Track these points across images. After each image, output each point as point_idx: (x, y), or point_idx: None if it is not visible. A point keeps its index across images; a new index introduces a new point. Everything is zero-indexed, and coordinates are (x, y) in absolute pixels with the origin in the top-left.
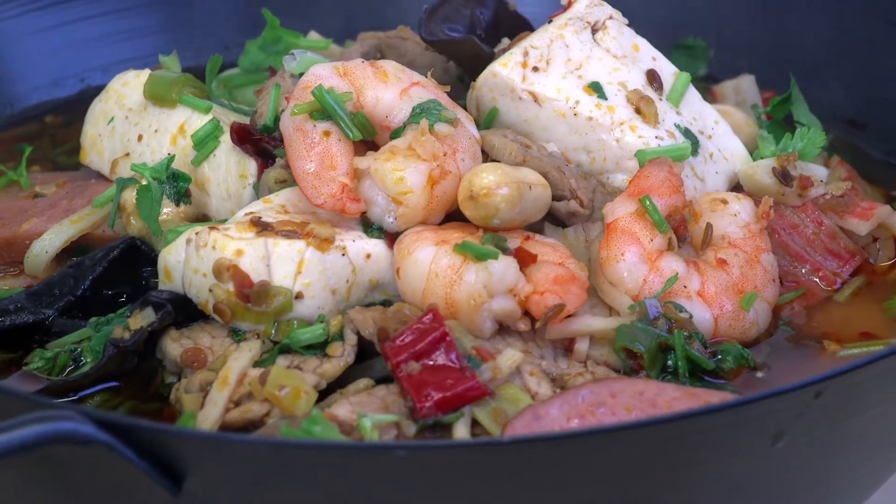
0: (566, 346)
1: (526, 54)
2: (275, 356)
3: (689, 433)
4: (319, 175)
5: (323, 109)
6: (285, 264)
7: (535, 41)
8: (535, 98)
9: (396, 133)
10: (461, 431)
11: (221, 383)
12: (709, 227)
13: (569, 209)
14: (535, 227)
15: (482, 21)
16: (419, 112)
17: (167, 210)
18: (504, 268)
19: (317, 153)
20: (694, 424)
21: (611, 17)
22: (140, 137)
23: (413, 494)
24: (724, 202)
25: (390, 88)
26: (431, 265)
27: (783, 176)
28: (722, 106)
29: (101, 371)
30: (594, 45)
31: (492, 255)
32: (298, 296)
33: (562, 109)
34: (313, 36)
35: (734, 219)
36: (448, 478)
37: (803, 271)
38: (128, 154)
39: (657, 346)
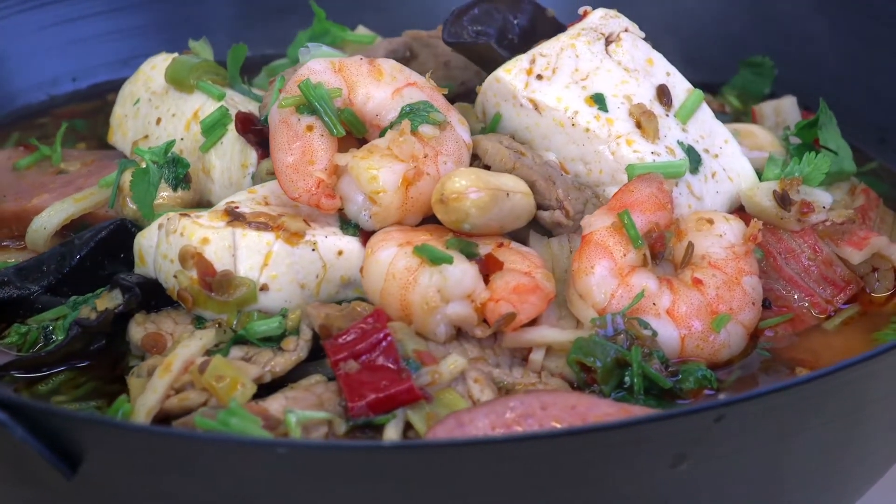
0: (524, 356)
1: (533, 61)
2: (229, 346)
3: (579, 450)
4: (297, 168)
5: (309, 104)
6: (252, 255)
7: (545, 49)
8: (536, 106)
9: (385, 132)
10: (391, 433)
11: (164, 370)
12: (690, 245)
13: (553, 219)
14: (521, 236)
15: (515, 26)
16: (407, 112)
17: (165, 194)
18: (460, 273)
19: (297, 146)
20: (583, 441)
21: (626, 30)
22: (159, 121)
23: (295, 492)
24: (711, 222)
25: (383, 87)
26: (389, 266)
27: (782, 200)
28: (746, 125)
29: (65, 349)
30: (605, 56)
31: (446, 260)
32: (264, 288)
33: (561, 119)
34: (361, 30)
35: (719, 239)
36: (329, 479)
37: (796, 297)
38: (146, 136)
39: (614, 362)
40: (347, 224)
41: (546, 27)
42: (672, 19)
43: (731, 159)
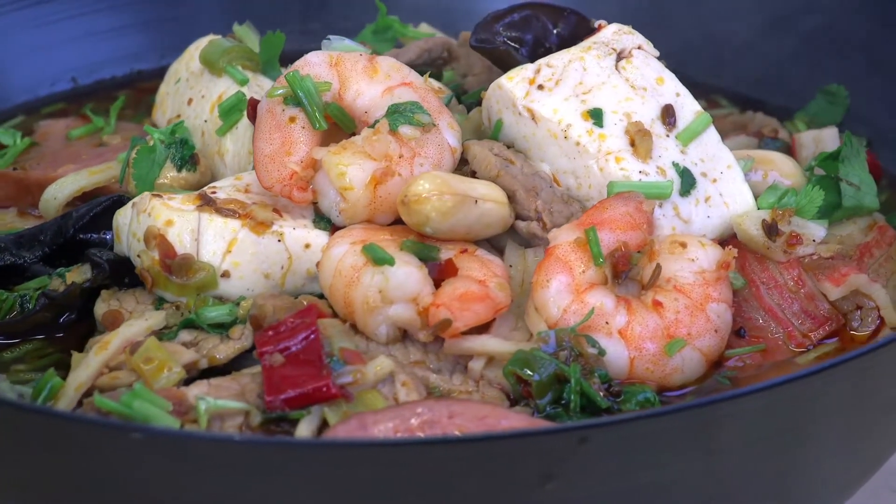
0: (468, 364)
1: (538, 71)
2: (178, 329)
3: (444, 460)
4: (274, 158)
5: (294, 95)
6: (216, 241)
7: (554, 60)
8: (533, 115)
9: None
10: (303, 429)
11: (100, 347)
12: (658, 267)
13: (529, 230)
14: (500, 244)
15: (554, 35)
16: (393, 111)
17: (171, 174)
18: (404, 276)
19: (277, 137)
20: (444, 451)
21: (639, 47)
22: (190, 101)
23: (156, 478)
24: (684, 245)
25: (374, 84)
26: (338, 262)
27: (769, 229)
28: (765, 152)
29: (32, 319)
30: (614, 72)
31: (388, 262)
32: (225, 274)
33: (554, 131)
34: (424, 28)
35: (690, 263)
36: (185, 467)
37: (772, 328)
38: (179, 115)
39: (553, 377)
40: (321, 218)
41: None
42: (757, 39)
43: (730, 185)
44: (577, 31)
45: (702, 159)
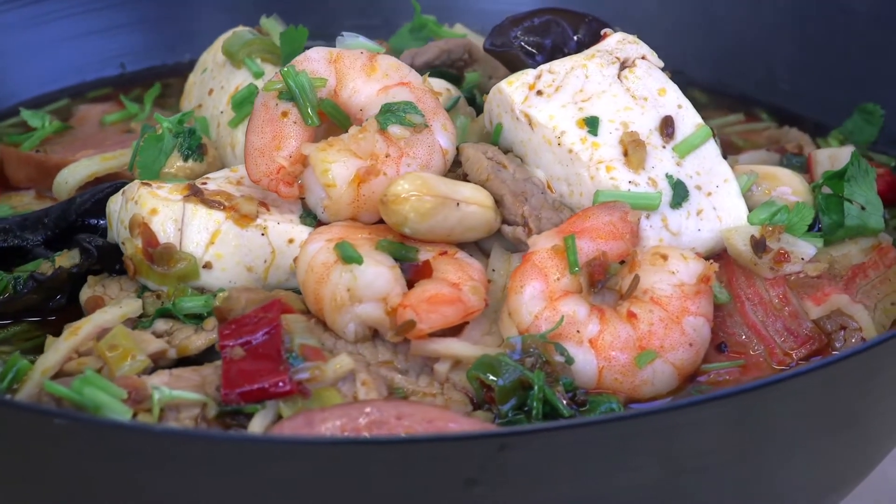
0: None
1: (539, 77)
2: (154, 318)
3: (366, 461)
4: (263, 152)
5: (288, 90)
6: (199, 232)
7: (556, 66)
8: (530, 121)
9: None
10: (256, 424)
11: (71, 332)
12: (636, 278)
13: (514, 235)
14: (488, 248)
15: (574, 41)
16: (386, 110)
17: (179, 164)
18: (372, 276)
19: (269, 130)
20: (365, 451)
21: (643, 57)
22: (211, 91)
23: (79, 466)
24: (665, 258)
25: (371, 83)
26: (311, 259)
27: (756, 246)
28: (770, 168)
29: (20, 301)
30: (615, 81)
31: (356, 260)
32: (207, 265)
33: (549, 137)
34: (459, 28)
35: (669, 276)
36: (106, 454)
37: (755, 344)
38: (200, 105)
39: (517, 383)
40: (308, 214)
41: None
42: (800, 55)
43: (725, 199)
44: (597, 38)
45: (697, 172)
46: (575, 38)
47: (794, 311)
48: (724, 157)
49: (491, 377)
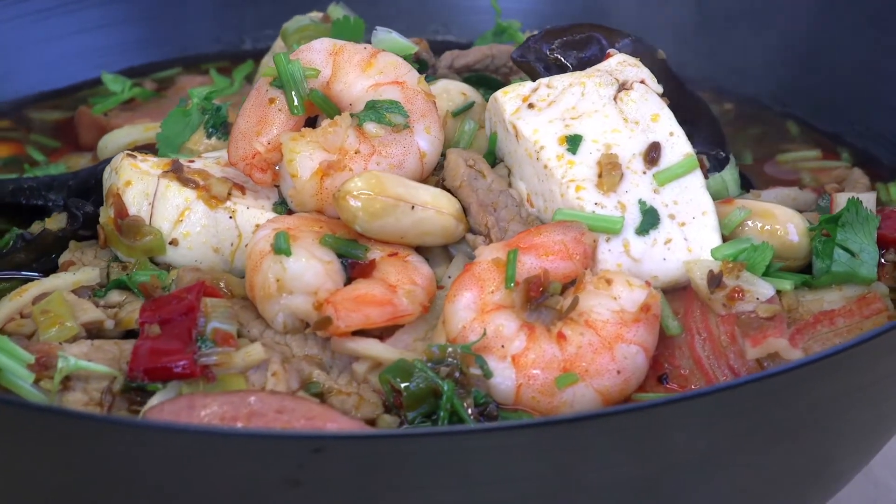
0: None
1: (535, 90)
2: (109, 288)
3: (190, 453)
4: (245, 136)
5: (279, 77)
6: (168, 208)
7: (556, 81)
8: (516, 133)
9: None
10: (153, 402)
11: (16, 294)
12: (575, 300)
13: (474, 244)
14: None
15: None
16: (370, 107)
17: (206, 141)
18: (301, 269)
19: (254, 115)
20: (194, 440)
21: (641, 81)
22: None
23: None
24: (609, 282)
25: (364, 78)
26: (254, 245)
27: (711, 280)
28: (766, 205)
29: (9, 258)
30: (610, 102)
31: (284, 252)
32: (173, 242)
33: (530, 150)
34: (514, 24)
35: (610, 301)
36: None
37: (696, 379)
38: None
39: (427, 391)
40: (282, 202)
41: (649, 66)
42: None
43: (699, 231)
44: (636, 56)
45: (675, 201)
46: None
47: (741, 350)
48: (747, 189)
49: (399, 382)
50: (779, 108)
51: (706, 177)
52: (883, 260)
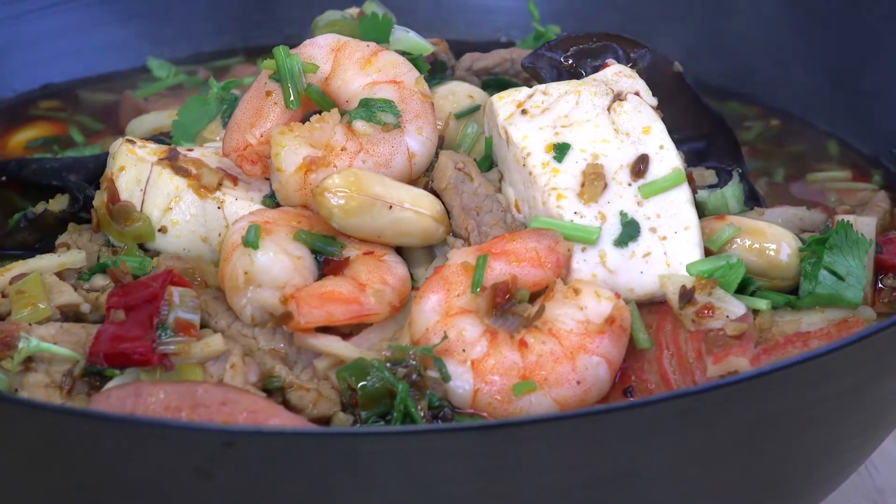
0: None
1: (530, 96)
2: (94, 272)
3: (99, 439)
4: (240, 127)
5: (277, 71)
6: (158, 195)
7: (552, 88)
8: (507, 138)
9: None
10: (108, 387)
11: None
12: (541, 308)
13: (453, 247)
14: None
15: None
16: (363, 105)
17: (224, 131)
18: (268, 262)
19: (250, 106)
20: (100, 426)
21: (636, 93)
22: None
23: None
24: (577, 292)
25: (361, 76)
26: (228, 237)
27: (682, 296)
28: (757, 223)
29: (13, 236)
30: (603, 112)
31: (251, 245)
32: (162, 229)
33: (518, 157)
34: (553, 29)
35: (576, 311)
36: None
37: (662, 392)
38: None
39: (383, 391)
40: (271, 196)
41: (667, 80)
42: None
43: (680, 246)
44: (650, 71)
45: (658, 215)
46: (628, 66)
47: (704, 366)
48: (752, 207)
49: (355, 380)
50: (823, 126)
51: (695, 192)
52: (880, 284)
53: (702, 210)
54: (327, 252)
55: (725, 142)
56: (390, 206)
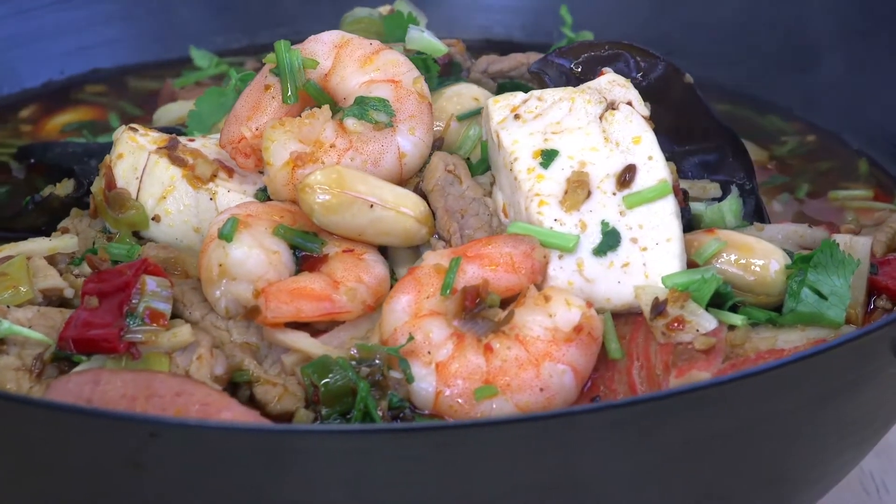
0: None
1: (526, 101)
2: (82, 257)
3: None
4: (237, 119)
5: (277, 65)
6: (154, 184)
7: (547, 94)
8: (499, 142)
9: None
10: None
11: None
12: (510, 313)
13: (435, 248)
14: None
15: (641, 80)
16: (358, 102)
17: None
18: (242, 256)
19: (249, 100)
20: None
21: (628, 103)
22: None
23: None
24: (547, 299)
25: (360, 74)
26: (209, 228)
27: (654, 308)
28: (747, 238)
29: (22, 219)
30: (595, 120)
31: (225, 238)
32: (156, 218)
33: (507, 161)
34: (585, 35)
35: (545, 318)
36: None
37: None
38: None
39: (345, 389)
40: (264, 189)
41: (678, 90)
42: None
43: (660, 258)
44: (661, 81)
45: (640, 225)
46: (639, 75)
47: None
48: (753, 222)
49: (318, 378)
50: (857, 145)
51: (682, 205)
52: (873, 305)
53: (698, 223)
54: (306, 248)
55: (737, 155)
56: (371, 205)
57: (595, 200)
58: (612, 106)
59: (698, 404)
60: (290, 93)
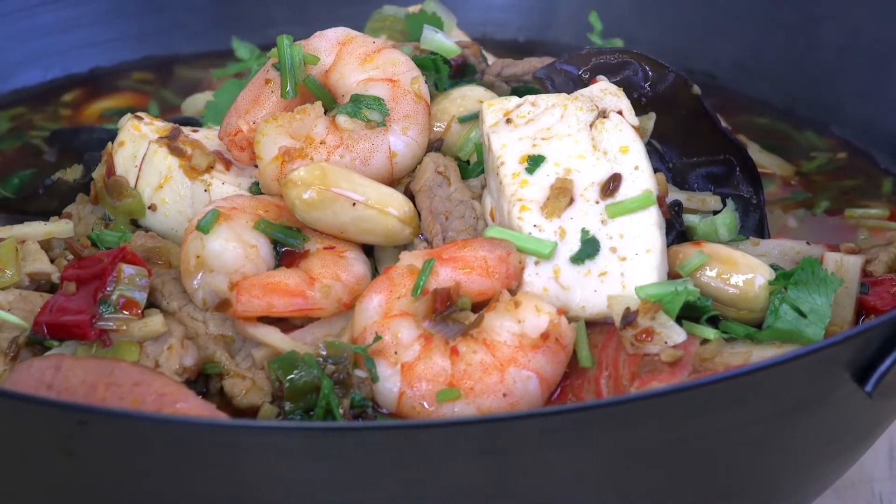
0: None
1: (519, 106)
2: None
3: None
4: (236, 112)
5: (279, 60)
6: (151, 173)
7: (541, 100)
8: (489, 146)
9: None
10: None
11: None
12: (479, 317)
13: (416, 249)
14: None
15: (648, 88)
16: (354, 100)
17: None
18: (219, 248)
19: (250, 93)
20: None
21: (619, 112)
22: None
23: None
24: (517, 305)
25: (359, 72)
26: (192, 221)
27: (624, 318)
28: (732, 252)
29: (33, 201)
30: (585, 128)
31: (202, 230)
32: (152, 207)
33: (494, 165)
34: (616, 42)
35: (513, 324)
36: None
37: None
38: None
39: (312, 386)
40: (257, 183)
41: (686, 101)
42: None
43: (638, 268)
44: (669, 92)
45: (621, 235)
46: (647, 85)
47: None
48: (750, 236)
49: (282, 373)
50: (885, 164)
51: (667, 216)
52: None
53: (692, 235)
54: (287, 243)
55: (745, 169)
56: (354, 203)
57: (577, 208)
58: (603, 114)
59: (629, 416)
60: (288, 88)
